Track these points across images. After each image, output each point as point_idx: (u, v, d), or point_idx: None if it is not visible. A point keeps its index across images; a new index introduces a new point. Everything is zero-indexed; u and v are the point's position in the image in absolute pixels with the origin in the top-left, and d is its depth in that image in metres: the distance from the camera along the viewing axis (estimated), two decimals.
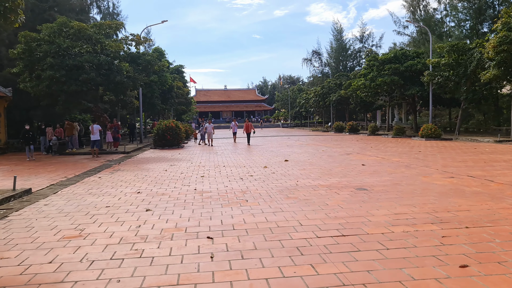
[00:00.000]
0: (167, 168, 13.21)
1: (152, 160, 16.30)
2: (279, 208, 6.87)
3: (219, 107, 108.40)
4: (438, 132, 26.44)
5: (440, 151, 17.17)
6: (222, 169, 12.73)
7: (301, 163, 13.77)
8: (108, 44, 19.33)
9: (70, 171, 13.04)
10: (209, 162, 15.03)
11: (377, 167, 12.06)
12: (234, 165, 13.62)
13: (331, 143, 25.08)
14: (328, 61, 74.12)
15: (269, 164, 13.74)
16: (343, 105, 51.63)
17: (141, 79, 19.84)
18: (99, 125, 19.14)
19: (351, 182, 9.37)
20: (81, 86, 18.05)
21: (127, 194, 8.62)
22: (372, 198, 7.46)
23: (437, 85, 29.52)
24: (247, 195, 8.15)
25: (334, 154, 17.01)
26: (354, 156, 15.72)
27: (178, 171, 12.47)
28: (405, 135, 31.06)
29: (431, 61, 29.41)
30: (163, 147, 23.78)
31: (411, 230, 5.30)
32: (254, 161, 14.74)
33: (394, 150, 18.46)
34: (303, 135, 39.98)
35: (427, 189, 8.25)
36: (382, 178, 9.94)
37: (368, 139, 28.61)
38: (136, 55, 20.17)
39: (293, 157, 15.84)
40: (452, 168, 11.41)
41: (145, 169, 13.27)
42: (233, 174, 11.46)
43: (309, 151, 18.62)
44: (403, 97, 35.65)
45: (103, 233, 5.59)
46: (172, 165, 14.27)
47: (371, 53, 39.32)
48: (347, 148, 20.36)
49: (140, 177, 11.19)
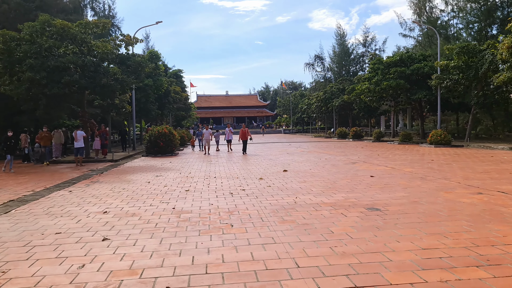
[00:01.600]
0: (151, 180, 11.75)
1: (138, 170, 14.85)
2: (271, 237, 5.38)
3: (220, 113, 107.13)
4: (448, 139, 24.89)
5: (455, 160, 15.64)
6: (212, 181, 11.26)
7: (302, 173, 12.29)
8: (94, 44, 17.97)
9: (43, 183, 11.60)
10: (200, 172, 13.56)
11: (388, 179, 10.56)
12: (227, 176, 12.14)
13: (334, 150, 23.58)
14: (331, 66, 72.74)
15: (265, 175, 12.26)
16: (346, 110, 50.18)
17: (131, 82, 18.43)
18: (83, 131, 17.70)
19: (360, 199, 7.88)
20: (63, 89, 16.66)
21: (91, 214, 7.16)
22: (389, 223, 5.97)
23: (446, 89, 28.02)
24: (234, 217, 6.68)
25: (338, 163, 15.52)
26: (360, 166, 14.22)
27: (162, 183, 11.01)
28: (412, 142, 29.51)
29: (439, 64, 27.95)
30: (155, 154, 22.34)
31: (452, 279, 3.80)
32: (250, 172, 13.27)
33: (403, 158, 16.94)
34: (304, 141, 38.49)
35: (455, 210, 6.75)
36: (396, 193, 8.44)
37: (374, 146, 27.10)
38: (125, 56, 18.77)
39: (293, 167, 14.36)
40: (476, 181, 9.89)
41: (127, 180, 11.82)
42: (223, 187, 9.98)
43: (311, 160, 17.14)
44: (409, 101, 34.14)
45: (27, 279, 4.12)
46: (158, 175, 12.81)
47: (375, 56, 37.84)
48: (352, 156, 18.86)
49: (117, 191, 9.73)
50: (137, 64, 18.90)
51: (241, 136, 22.63)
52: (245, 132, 22.57)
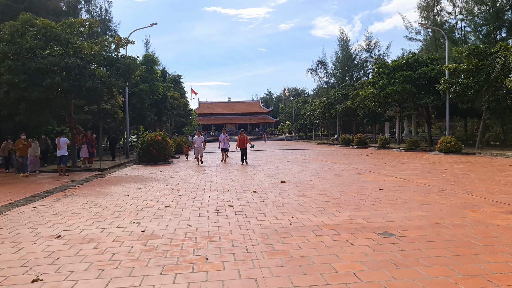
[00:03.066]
0: (132, 193, 10.44)
1: (123, 180, 13.55)
2: (254, 278, 4.05)
3: (222, 119, 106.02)
4: (459, 146, 23.48)
5: (470, 169, 14.25)
6: (199, 194, 9.94)
7: (301, 185, 10.95)
8: (80, 45, 16.78)
9: (10, 196, 10.31)
10: (189, 183, 12.24)
11: (400, 193, 9.20)
12: (217, 189, 10.82)
13: (337, 158, 22.21)
14: (334, 72, 71.54)
15: (261, 187, 10.93)
16: (349, 116, 48.86)
17: (119, 85, 17.19)
18: (66, 138, 16.43)
19: (369, 220, 6.53)
20: (45, 93, 15.43)
21: (40, 240, 5.85)
22: (408, 256, 4.62)
23: (455, 93, 26.64)
24: (213, 244, 5.35)
25: (342, 172, 14.16)
26: (366, 176, 12.86)
27: (142, 197, 9.70)
28: (419, 149, 28.11)
29: (448, 67, 26.62)
30: (147, 163, 21.06)
31: None
32: (244, 183, 11.94)
33: (413, 167, 15.55)
34: (307, 148, 37.12)
35: (490, 237, 5.39)
36: (411, 212, 7.09)
37: (379, 154, 25.71)
38: (114, 59, 17.55)
39: (292, 177, 13.01)
40: (503, 196, 8.51)
41: (105, 193, 10.51)
42: (209, 203, 8.66)
43: (312, 169, 15.79)
44: (415, 107, 32.78)
45: None
46: (141, 187, 11.50)
47: (380, 60, 36.54)
48: (357, 164, 17.49)
49: (87, 207, 8.43)
50: (126, 67, 17.68)
51: (239, 144, 19.79)
52: (243, 139, 19.69)
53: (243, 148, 19.73)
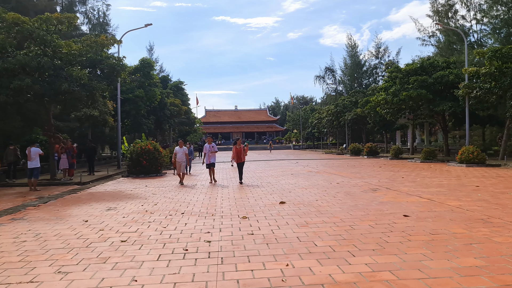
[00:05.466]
0: (94, 217, 8.42)
1: (95, 199, 11.54)
2: None
3: (229, 128, 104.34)
4: (482, 157, 21.16)
5: (507, 187, 11.99)
6: (174, 220, 7.87)
7: (304, 208, 8.83)
8: (57, 44, 14.94)
9: None
10: (170, 203, 10.18)
11: (433, 223, 7.04)
12: (200, 212, 8.74)
13: (347, 170, 20.02)
14: (342, 79, 69.29)
15: (254, 209, 8.84)
16: (359, 124, 46.62)
17: (101, 88, 15.27)
18: (38, 148, 14.48)
19: (400, 274, 4.40)
20: (14, 96, 13.56)
21: None
22: None
23: (475, 99, 24.34)
24: None
25: (353, 189, 12.01)
26: (384, 195, 10.70)
27: (102, 224, 7.67)
28: (436, 160, 25.80)
29: (467, 70, 24.37)
30: (137, 175, 19.07)
31: None
32: (235, 203, 9.85)
33: (436, 183, 13.33)
34: (314, 158, 34.91)
35: None
36: (460, 260, 4.92)
37: (393, 165, 23.45)
38: (97, 59, 15.66)
39: (294, 195, 10.89)
40: None
41: (61, 217, 8.49)
42: (181, 235, 6.58)
43: (319, 184, 13.65)
44: (431, 114, 30.44)
45: None
46: (110, 208, 9.47)
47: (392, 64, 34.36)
48: (370, 178, 15.32)
49: (20, 241, 6.42)
50: (110, 68, 15.78)
51: (235, 157, 14.91)
52: (240, 151, 14.79)
53: (240, 163, 14.92)
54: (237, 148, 14.96)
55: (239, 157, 14.87)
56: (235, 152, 14.96)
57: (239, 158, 14.88)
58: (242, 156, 14.93)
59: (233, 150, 15.15)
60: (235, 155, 14.95)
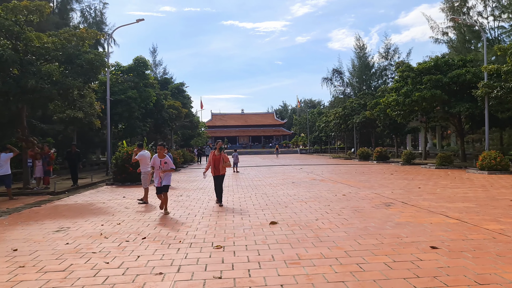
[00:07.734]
0: (30, 243, 6.61)
1: (56, 214, 9.75)
2: None
3: (235, 132, 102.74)
4: (506, 163, 19.07)
5: None
6: (127, 250, 6.01)
7: (299, 232, 6.91)
8: (27, 36, 13.25)
9: None
10: (137, 222, 8.34)
11: (475, 261, 5.08)
12: (165, 236, 6.87)
13: (355, 178, 18.02)
14: (350, 81, 67.08)
15: (235, 233, 6.95)
16: (368, 128, 44.49)
17: (75, 85, 13.53)
18: (11, 153, 12.81)
19: None
20: None
21: None
22: None
23: (496, 99, 22.23)
24: None
25: (362, 204, 10.05)
26: (400, 212, 8.73)
27: (29, 257, 5.85)
28: (452, 166, 23.66)
29: (487, 68, 22.30)
30: (123, 182, 17.30)
31: None
32: (214, 222, 7.97)
33: (461, 195, 11.29)
34: (320, 164, 32.90)
35: None
36: None
37: (406, 171, 21.40)
38: (73, 54, 13.97)
39: (289, 212, 8.98)
40: None
41: None
42: (121, 277, 4.72)
43: (322, 196, 11.71)
44: (446, 116, 28.30)
45: None
46: (59, 230, 7.66)
47: (403, 63, 32.28)
48: (382, 188, 13.34)
49: None
50: (88, 63, 14.05)
51: (212, 168, 10.57)
52: (218, 159, 10.47)
53: (218, 176, 10.56)
54: (215, 156, 10.48)
55: (216, 168, 10.43)
56: (212, 160, 10.54)
57: (217, 170, 10.44)
58: (220, 166, 10.42)
59: (210, 157, 10.78)
60: (212, 164, 10.54)
